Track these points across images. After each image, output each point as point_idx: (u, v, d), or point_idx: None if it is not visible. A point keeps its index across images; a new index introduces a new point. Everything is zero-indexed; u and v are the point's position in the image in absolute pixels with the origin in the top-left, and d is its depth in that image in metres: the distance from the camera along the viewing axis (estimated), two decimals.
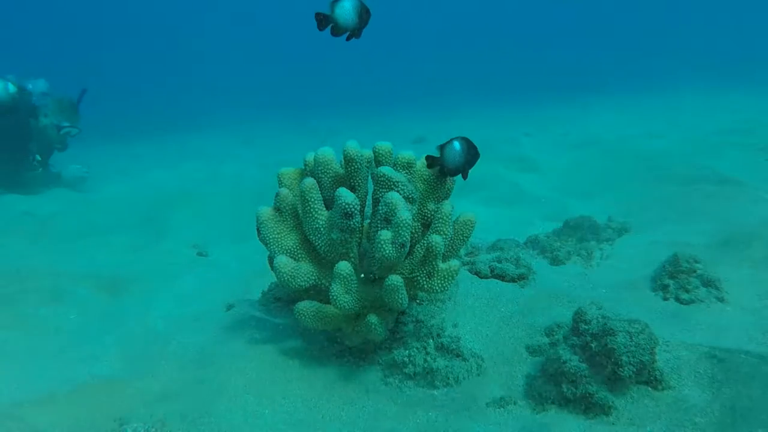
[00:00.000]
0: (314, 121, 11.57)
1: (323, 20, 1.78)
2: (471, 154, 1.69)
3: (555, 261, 2.49)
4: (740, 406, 1.42)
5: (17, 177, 5.13)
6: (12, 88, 4.84)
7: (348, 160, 1.68)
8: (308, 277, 1.68)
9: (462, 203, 2.02)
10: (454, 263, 1.63)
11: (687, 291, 2.01)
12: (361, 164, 1.70)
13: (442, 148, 1.68)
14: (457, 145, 1.66)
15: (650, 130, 6.69)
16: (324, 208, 1.67)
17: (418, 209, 1.71)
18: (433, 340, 1.73)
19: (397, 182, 1.62)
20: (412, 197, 1.65)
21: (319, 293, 1.73)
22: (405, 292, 1.56)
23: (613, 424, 1.43)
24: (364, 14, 1.78)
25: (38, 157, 5.21)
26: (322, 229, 1.65)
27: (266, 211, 1.72)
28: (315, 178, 1.69)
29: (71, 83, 5.81)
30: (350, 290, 1.60)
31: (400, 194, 1.60)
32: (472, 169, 1.76)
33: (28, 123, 5.10)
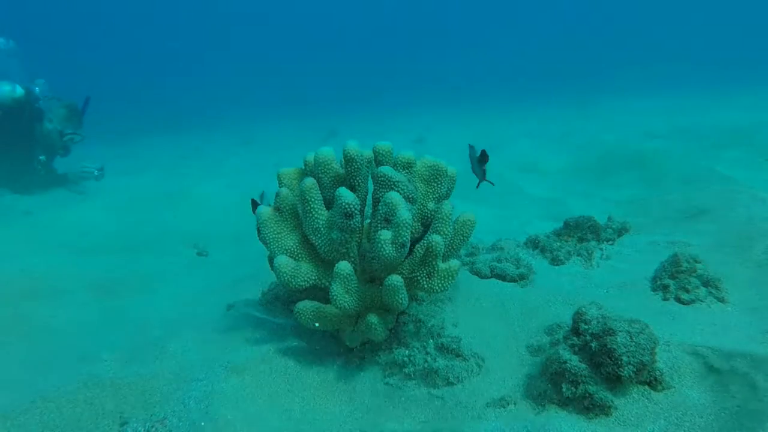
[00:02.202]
0: (314, 121, 11.57)
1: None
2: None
3: (555, 261, 2.49)
4: (740, 407, 1.42)
5: (21, 178, 5.19)
6: (20, 90, 4.91)
7: (348, 160, 1.68)
8: (308, 277, 1.68)
9: (462, 203, 2.02)
10: (454, 263, 1.63)
11: (687, 291, 2.01)
12: (361, 164, 1.70)
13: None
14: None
15: (650, 130, 6.69)
16: (324, 208, 1.67)
17: (418, 209, 1.71)
18: (433, 339, 1.73)
19: (397, 182, 1.62)
20: (412, 197, 1.65)
21: (319, 293, 1.73)
22: (405, 292, 1.56)
23: (613, 424, 1.43)
24: None
25: (42, 158, 5.28)
26: (322, 228, 1.65)
27: (266, 210, 1.72)
28: (315, 178, 1.69)
29: (72, 83, 5.84)
30: (350, 290, 1.60)
31: (400, 194, 1.60)
32: (473, 168, 1.78)
33: (34, 126, 5.17)
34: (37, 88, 5.09)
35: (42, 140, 5.28)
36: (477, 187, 1.91)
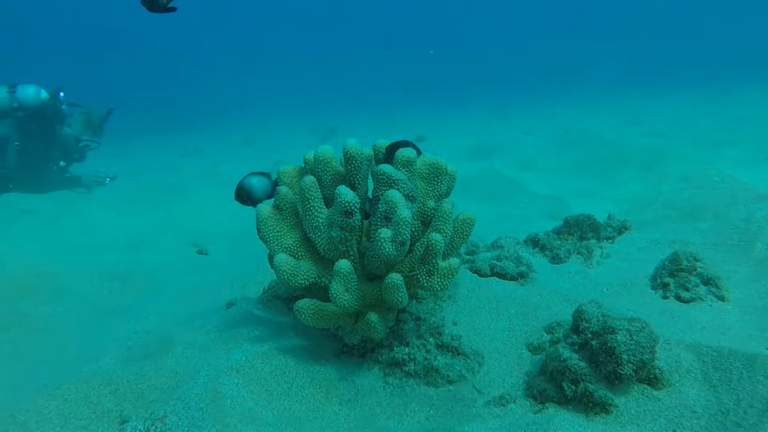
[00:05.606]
0: (314, 119, 11.57)
1: None
2: None
3: (555, 259, 2.49)
4: (739, 405, 1.41)
5: (35, 178, 5.26)
6: (44, 94, 5.08)
7: (348, 158, 1.68)
8: (308, 275, 1.67)
9: (462, 201, 2.03)
10: (454, 261, 1.63)
11: (687, 289, 2.01)
12: (361, 162, 1.70)
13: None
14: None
15: (650, 129, 6.69)
16: (324, 206, 1.67)
17: (418, 207, 1.71)
18: (433, 338, 1.73)
19: (397, 180, 1.62)
20: (412, 195, 1.65)
21: (319, 291, 1.73)
22: (405, 290, 1.55)
23: (613, 422, 1.43)
24: None
25: (62, 163, 5.46)
26: (322, 227, 1.65)
27: (266, 209, 1.72)
28: (315, 176, 1.69)
29: (73, 84, 5.88)
30: (350, 288, 1.60)
31: (400, 192, 1.59)
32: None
33: (54, 129, 5.29)
34: (61, 93, 5.19)
35: (58, 142, 5.40)
36: None
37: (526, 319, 1.88)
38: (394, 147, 1.74)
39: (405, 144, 1.74)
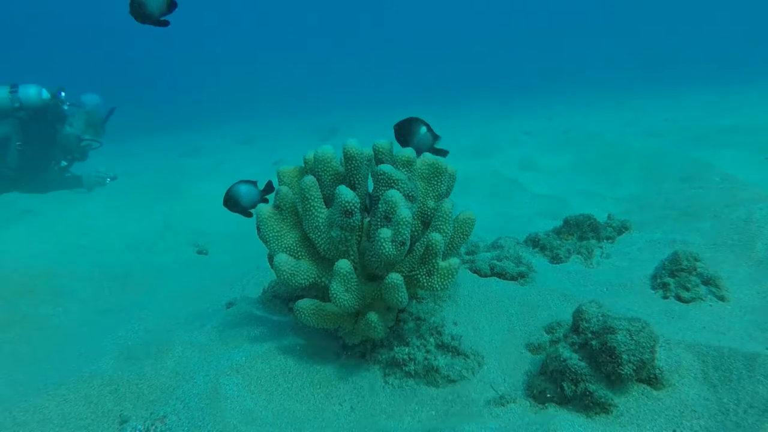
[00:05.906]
0: (314, 119, 11.57)
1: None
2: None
3: (555, 259, 2.49)
4: (739, 405, 1.41)
5: (38, 178, 5.29)
6: (45, 94, 5.14)
7: (348, 158, 1.68)
8: (308, 275, 1.67)
9: (462, 201, 2.03)
10: (454, 261, 1.62)
11: (687, 289, 2.01)
12: (361, 162, 1.70)
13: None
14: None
15: (650, 128, 6.69)
16: (324, 206, 1.67)
17: (418, 207, 1.71)
18: (433, 338, 1.73)
19: (397, 180, 1.62)
20: (412, 195, 1.65)
21: (319, 291, 1.73)
22: (405, 290, 1.55)
23: (613, 422, 1.43)
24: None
25: (64, 163, 5.50)
26: (322, 227, 1.65)
27: (266, 209, 1.72)
28: (315, 176, 1.69)
29: (74, 83, 5.89)
30: (350, 288, 1.60)
31: (400, 192, 1.59)
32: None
33: (56, 129, 5.35)
34: (62, 93, 5.22)
35: (60, 142, 5.43)
36: None
37: (526, 318, 1.88)
38: (404, 124, 1.74)
39: (415, 121, 1.74)
